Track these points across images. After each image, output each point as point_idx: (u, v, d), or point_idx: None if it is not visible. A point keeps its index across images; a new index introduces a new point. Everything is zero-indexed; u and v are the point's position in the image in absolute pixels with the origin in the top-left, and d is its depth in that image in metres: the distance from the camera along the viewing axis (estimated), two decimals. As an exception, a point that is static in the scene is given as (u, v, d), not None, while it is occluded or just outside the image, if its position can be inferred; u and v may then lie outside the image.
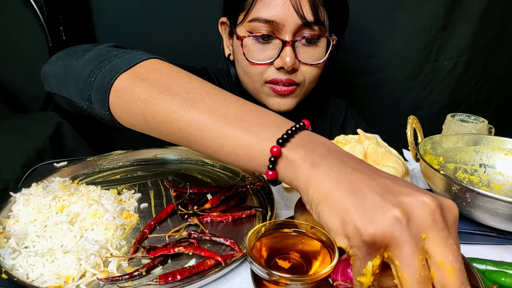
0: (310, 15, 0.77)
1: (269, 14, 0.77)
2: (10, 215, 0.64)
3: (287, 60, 0.78)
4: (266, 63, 0.82)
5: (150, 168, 0.83)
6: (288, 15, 0.76)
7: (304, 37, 0.80)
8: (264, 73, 0.83)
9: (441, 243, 0.33)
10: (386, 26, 1.36)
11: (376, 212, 0.34)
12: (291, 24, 0.77)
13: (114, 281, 0.51)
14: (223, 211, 0.67)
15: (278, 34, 0.79)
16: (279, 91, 0.83)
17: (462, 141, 0.79)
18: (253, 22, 0.79)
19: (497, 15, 1.38)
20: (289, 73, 0.82)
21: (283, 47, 0.79)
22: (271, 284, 0.48)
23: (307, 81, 0.86)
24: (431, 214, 0.34)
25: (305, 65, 0.83)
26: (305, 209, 0.55)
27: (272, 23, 0.77)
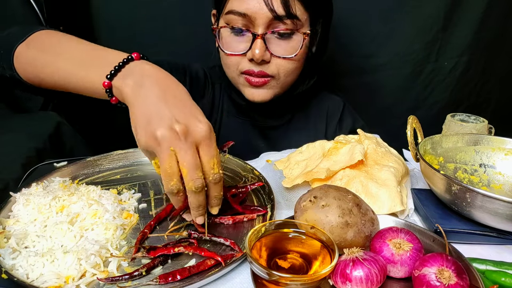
0: (281, 9, 0.79)
1: (241, 7, 0.81)
2: (10, 215, 0.64)
3: (256, 52, 0.81)
4: (239, 54, 0.86)
5: (150, 168, 0.83)
6: (259, 8, 0.79)
7: (274, 32, 0.83)
8: (239, 64, 0.87)
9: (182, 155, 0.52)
10: (386, 27, 1.36)
11: (148, 130, 0.51)
12: (262, 17, 0.80)
13: (114, 281, 0.51)
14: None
15: (251, 27, 0.83)
16: (253, 82, 0.87)
17: (462, 141, 0.79)
18: (229, 15, 0.83)
19: (497, 15, 1.38)
20: (260, 65, 0.85)
21: (253, 39, 0.82)
22: (271, 284, 0.48)
23: (281, 73, 0.88)
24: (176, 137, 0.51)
25: (277, 58, 0.85)
26: (305, 209, 0.55)
27: (245, 16, 0.81)
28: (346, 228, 0.53)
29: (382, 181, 0.69)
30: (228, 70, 0.92)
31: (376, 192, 0.67)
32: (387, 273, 0.52)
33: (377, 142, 0.81)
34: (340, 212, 0.54)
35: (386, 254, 0.52)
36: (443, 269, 0.47)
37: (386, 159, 0.74)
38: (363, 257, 0.49)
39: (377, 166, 0.73)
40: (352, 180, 0.70)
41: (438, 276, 0.46)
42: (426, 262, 0.48)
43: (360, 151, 0.72)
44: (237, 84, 0.93)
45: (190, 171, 0.52)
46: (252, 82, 0.87)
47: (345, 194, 0.57)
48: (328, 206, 0.54)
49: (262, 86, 0.88)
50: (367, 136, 0.81)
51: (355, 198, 0.57)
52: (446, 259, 0.48)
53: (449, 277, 0.46)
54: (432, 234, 0.59)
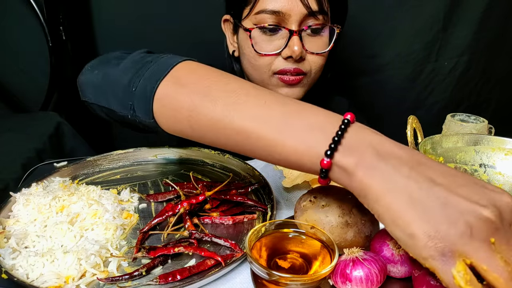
0: (315, 4, 0.80)
1: (275, 5, 0.79)
2: (10, 215, 0.64)
3: (295, 49, 0.80)
4: (274, 54, 0.84)
5: (150, 168, 0.83)
6: (294, 5, 0.79)
7: (310, 27, 0.82)
8: (272, 64, 0.85)
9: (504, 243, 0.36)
10: (386, 27, 1.36)
11: (440, 223, 0.35)
12: (297, 14, 0.79)
13: (114, 281, 0.51)
14: (223, 211, 0.67)
15: (284, 25, 0.81)
16: (288, 81, 0.85)
17: (462, 141, 0.79)
18: (260, 14, 0.81)
19: (497, 15, 1.38)
20: (296, 62, 0.84)
21: (290, 36, 0.81)
22: (271, 284, 0.48)
23: (313, 70, 0.87)
24: (493, 224, 0.36)
25: (311, 54, 0.85)
26: (305, 209, 0.55)
27: (278, 13, 0.79)
28: (346, 228, 0.53)
29: (382, 181, 0.69)
30: (257, 72, 0.88)
31: (376, 192, 0.67)
32: (387, 273, 0.52)
33: (377, 142, 0.81)
34: (340, 212, 0.54)
35: (386, 254, 0.52)
36: None
37: (386, 159, 0.74)
38: (363, 257, 0.49)
39: (377, 166, 0.73)
40: (352, 180, 0.70)
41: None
42: None
43: (360, 151, 0.72)
44: (267, 86, 0.89)
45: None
46: (287, 81, 0.85)
47: (345, 194, 0.57)
48: (328, 206, 0.54)
49: (296, 84, 0.87)
50: (367, 136, 0.81)
51: (355, 198, 0.57)
52: None
53: None
54: (432, 234, 0.58)
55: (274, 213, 0.64)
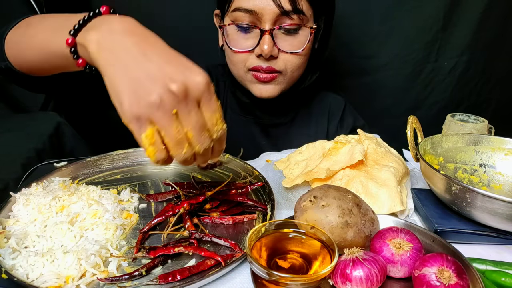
0: (288, 4, 0.80)
1: (249, 4, 0.81)
2: (10, 215, 0.64)
3: (265, 48, 0.82)
4: (247, 51, 0.86)
5: (150, 168, 0.83)
6: (266, 4, 0.80)
7: (282, 26, 0.83)
8: (246, 61, 0.88)
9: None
10: (386, 27, 1.36)
11: (141, 94, 0.43)
12: (270, 13, 0.81)
13: (114, 281, 0.51)
14: (223, 211, 0.67)
15: (258, 24, 0.83)
16: (261, 78, 0.88)
17: (462, 141, 0.79)
18: (235, 12, 0.83)
19: (497, 15, 1.38)
20: (268, 60, 0.86)
21: (261, 35, 0.83)
22: (271, 284, 0.48)
23: (289, 69, 0.89)
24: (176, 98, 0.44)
25: (285, 53, 0.86)
26: (305, 209, 0.55)
27: (251, 12, 0.81)
28: (346, 228, 0.53)
29: (382, 181, 0.69)
30: (235, 67, 0.91)
31: (376, 192, 0.67)
32: (387, 273, 0.52)
33: (377, 142, 0.81)
34: (340, 212, 0.54)
35: (386, 254, 0.52)
36: (443, 269, 0.47)
37: (386, 159, 0.74)
38: (363, 257, 0.49)
39: (377, 166, 0.73)
40: (352, 180, 0.70)
41: (438, 276, 0.46)
42: (426, 262, 0.48)
43: (360, 151, 0.72)
44: (243, 81, 0.93)
45: (196, 133, 0.46)
46: (260, 78, 0.87)
47: (345, 194, 0.57)
48: (328, 206, 0.54)
49: (270, 82, 0.89)
50: (367, 136, 0.81)
51: (355, 198, 0.57)
52: (446, 259, 0.48)
53: (449, 277, 0.46)
54: (432, 234, 0.59)
55: (274, 213, 0.64)
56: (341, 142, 0.80)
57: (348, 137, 0.83)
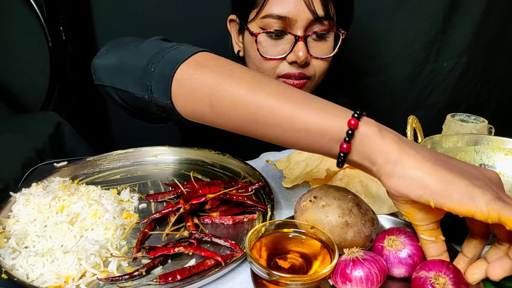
0: (321, 10, 0.80)
1: (281, 10, 0.79)
2: (10, 215, 0.64)
3: (300, 55, 0.80)
4: (280, 58, 0.84)
5: (150, 168, 0.83)
6: (300, 10, 0.79)
7: (315, 32, 0.82)
8: (277, 68, 0.86)
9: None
10: (386, 27, 1.36)
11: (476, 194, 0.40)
12: (303, 19, 0.80)
13: (114, 281, 0.51)
14: (223, 211, 0.67)
15: (290, 30, 0.81)
16: (291, 85, 0.84)
17: (462, 141, 0.79)
18: (266, 19, 0.81)
19: (497, 16, 1.38)
20: (301, 67, 0.84)
21: (295, 42, 0.81)
22: (271, 284, 0.48)
23: (317, 74, 0.88)
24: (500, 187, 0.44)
25: (316, 59, 0.85)
26: (305, 209, 0.55)
27: (284, 19, 0.80)
28: (346, 228, 0.53)
29: (382, 181, 0.69)
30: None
31: (376, 192, 0.67)
32: (387, 273, 0.52)
33: (377, 142, 0.81)
34: (340, 212, 0.54)
35: (386, 254, 0.52)
36: (439, 275, 0.46)
37: (386, 159, 0.74)
38: (363, 257, 0.49)
39: (377, 166, 0.73)
40: (352, 180, 0.70)
41: (433, 281, 0.46)
42: (426, 266, 0.48)
43: (360, 151, 0.72)
44: None
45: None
46: (291, 84, 0.85)
47: (345, 194, 0.57)
48: (328, 206, 0.54)
49: (300, 88, 0.87)
50: (367, 136, 0.81)
51: (355, 198, 0.57)
52: (446, 266, 0.47)
53: (444, 284, 0.45)
54: (432, 234, 0.58)
55: (274, 213, 0.64)
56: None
57: (348, 137, 0.83)
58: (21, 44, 1.16)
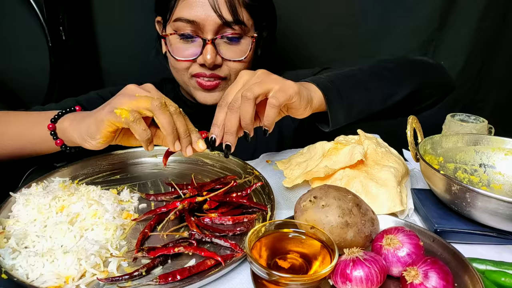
0: (229, 15, 0.82)
1: (190, 14, 0.82)
2: (10, 215, 0.64)
3: (208, 57, 0.83)
4: (190, 60, 0.86)
5: (150, 168, 0.83)
6: (208, 15, 0.81)
7: (224, 36, 0.85)
8: (189, 68, 0.88)
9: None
10: (383, 26, 1.35)
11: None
12: (211, 24, 0.82)
13: (114, 281, 0.51)
14: (223, 213, 0.66)
15: (200, 33, 0.84)
16: (205, 86, 0.88)
17: (462, 141, 0.79)
18: (177, 22, 0.84)
19: (495, 15, 1.37)
20: (212, 69, 0.87)
21: (204, 45, 0.84)
22: (271, 284, 0.48)
23: (233, 75, 0.89)
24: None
25: (228, 61, 0.87)
26: (305, 209, 0.55)
27: (193, 23, 0.82)
28: (346, 228, 0.53)
29: (382, 181, 0.69)
30: (178, 74, 0.91)
31: (376, 192, 0.67)
32: (388, 273, 0.52)
33: (377, 142, 0.81)
34: (340, 212, 0.54)
35: (385, 253, 0.52)
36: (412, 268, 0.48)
37: (386, 159, 0.75)
38: (363, 257, 0.49)
39: (377, 166, 0.73)
40: (352, 180, 0.70)
41: (404, 274, 0.48)
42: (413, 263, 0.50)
43: (360, 151, 0.72)
44: (188, 87, 0.93)
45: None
46: (204, 85, 0.88)
47: (345, 194, 0.57)
48: (328, 206, 0.54)
49: (214, 89, 0.89)
50: (367, 136, 0.81)
51: (355, 198, 0.57)
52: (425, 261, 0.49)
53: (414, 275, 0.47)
54: (432, 234, 0.59)
55: (274, 213, 0.64)
56: (341, 143, 0.80)
57: (348, 137, 0.83)
58: (21, 44, 1.16)
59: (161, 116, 0.58)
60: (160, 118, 0.59)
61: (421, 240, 0.54)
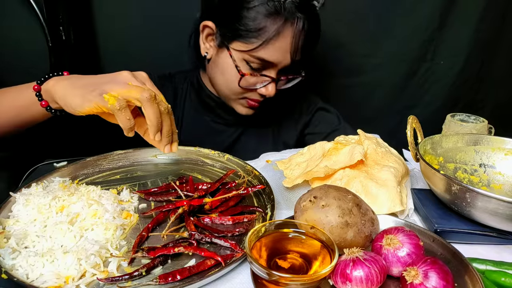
0: (297, 58, 0.90)
1: (272, 57, 0.87)
2: (10, 215, 0.64)
3: (271, 93, 0.92)
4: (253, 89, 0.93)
5: (150, 168, 0.83)
6: (284, 58, 0.88)
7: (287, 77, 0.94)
8: (246, 93, 0.95)
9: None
10: (382, 25, 1.35)
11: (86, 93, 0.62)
12: (283, 64, 0.90)
13: (114, 281, 0.51)
14: (222, 211, 0.67)
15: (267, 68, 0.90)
16: (253, 105, 0.97)
17: (462, 141, 0.79)
18: (254, 58, 0.88)
19: (494, 15, 1.37)
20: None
21: (271, 81, 0.91)
22: (271, 284, 0.48)
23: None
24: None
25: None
26: (305, 209, 0.55)
27: (269, 62, 0.88)
28: (346, 228, 0.53)
29: (382, 181, 0.69)
30: (229, 90, 0.95)
31: (376, 192, 0.67)
32: (388, 273, 0.52)
33: (377, 142, 0.81)
34: (340, 212, 0.54)
35: (385, 253, 0.52)
36: (412, 268, 0.48)
37: (386, 159, 0.74)
38: (363, 257, 0.49)
39: (377, 166, 0.73)
40: (352, 180, 0.70)
41: (404, 274, 0.48)
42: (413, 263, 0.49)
43: (360, 151, 0.72)
44: (230, 100, 0.99)
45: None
46: (252, 105, 0.96)
47: (345, 194, 0.57)
48: (328, 206, 0.54)
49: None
50: (367, 136, 0.81)
51: (355, 198, 0.57)
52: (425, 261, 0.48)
53: (414, 275, 0.47)
54: (432, 234, 0.59)
55: (274, 213, 0.64)
56: (341, 143, 0.80)
57: (348, 138, 0.83)
58: (21, 44, 1.16)
59: (149, 108, 0.61)
60: (147, 110, 0.61)
61: (421, 240, 0.54)
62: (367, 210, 0.57)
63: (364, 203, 0.59)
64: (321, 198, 0.55)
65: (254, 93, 0.94)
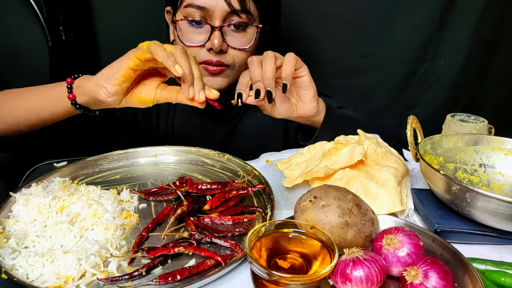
0: (237, 4, 0.87)
1: (200, 1, 0.87)
2: (10, 215, 0.64)
3: (215, 42, 0.88)
4: (198, 46, 0.91)
5: (150, 168, 0.83)
6: (217, 2, 0.87)
7: (231, 24, 0.90)
8: (197, 55, 0.92)
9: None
10: (382, 25, 1.36)
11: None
12: (220, 11, 0.87)
13: (114, 281, 0.51)
14: (222, 211, 0.67)
15: (209, 20, 0.89)
16: (211, 71, 0.93)
17: (462, 141, 0.79)
18: (187, 8, 0.89)
19: (494, 14, 1.37)
20: (218, 55, 0.92)
21: (212, 31, 0.89)
22: (271, 284, 0.48)
23: (236, 63, 0.95)
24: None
25: (233, 49, 0.93)
26: (305, 209, 0.55)
27: (203, 9, 0.87)
28: (346, 228, 0.53)
29: (382, 181, 0.69)
30: None
31: (376, 192, 0.67)
32: (388, 273, 0.52)
33: (377, 142, 0.81)
34: (340, 212, 0.54)
35: (385, 253, 0.52)
36: (412, 268, 0.48)
37: (386, 159, 0.74)
38: (363, 257, 0.49)
39: (377, 166, 0.73)
40: (352, 180, 0.70)
41: (404, 274, 0.48)
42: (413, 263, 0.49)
43: (360, 151, 0.72)
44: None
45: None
46: (210, 70, 0.93)
47: (345, 194, 0.57)
48: (328, 206, 0.54)
49: (219, 74, 0.94)
50: (367, 136, 0.81)
51: (355, 198, 0.57)
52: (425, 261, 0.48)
53: (414, 276, 0.47)
54: (432, 234, 0.59)
55: (274, 213, 0.64)
56: (341, 143, 0.80)
57: (348, 138, 0.83)
58: (21, 44, 1.16)
59: (182, 60, 0.65)
60: (181, 61, 0.64)
61: (421, 240, 0.54)
62: (367, 210, 0.57)
63: (364, 203, 0.59)
64: (321, 198, 0.55)
65: (204, 52, 0.91)
